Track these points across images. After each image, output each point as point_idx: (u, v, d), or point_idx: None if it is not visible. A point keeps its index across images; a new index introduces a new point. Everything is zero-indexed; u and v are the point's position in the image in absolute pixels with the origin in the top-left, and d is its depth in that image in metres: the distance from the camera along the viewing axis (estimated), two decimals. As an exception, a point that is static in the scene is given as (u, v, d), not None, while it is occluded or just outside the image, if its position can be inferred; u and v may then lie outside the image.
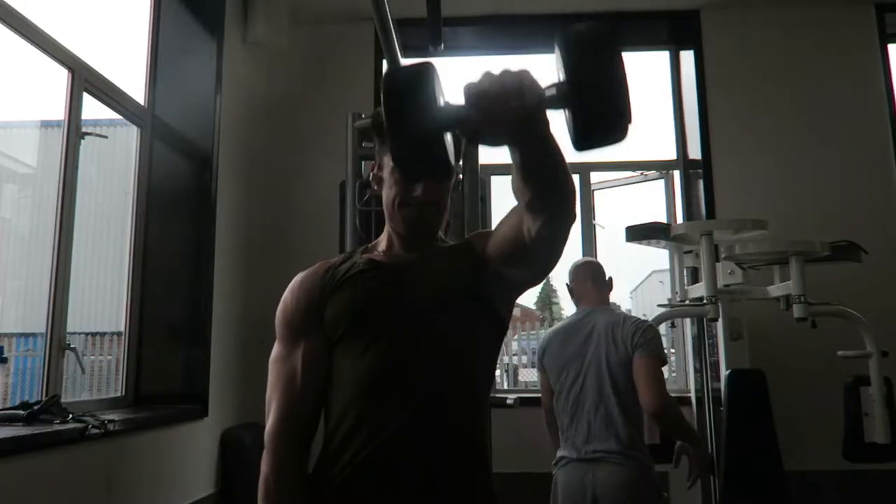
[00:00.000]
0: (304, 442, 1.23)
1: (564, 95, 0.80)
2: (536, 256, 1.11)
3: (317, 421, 1.25)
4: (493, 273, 1.21)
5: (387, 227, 1.31)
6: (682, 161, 3.89)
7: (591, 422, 2.16)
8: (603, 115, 0.79)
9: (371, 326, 1.20)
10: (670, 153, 3.94)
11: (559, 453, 2.27)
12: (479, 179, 2.47)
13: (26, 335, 2.76)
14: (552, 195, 0.98)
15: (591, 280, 2.39)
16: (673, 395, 3.11)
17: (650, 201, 3.97)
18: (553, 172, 0.94)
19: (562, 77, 0.80)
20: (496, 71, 0.81)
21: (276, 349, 1.28)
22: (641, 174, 3.95)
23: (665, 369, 2.31)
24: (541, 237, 1.03)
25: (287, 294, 1.30)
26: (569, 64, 0.79)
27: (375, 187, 1.30)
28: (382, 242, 1.32)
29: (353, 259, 1.30)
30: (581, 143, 0.80)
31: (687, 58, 3.83)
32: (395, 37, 2.43)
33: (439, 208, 1.26)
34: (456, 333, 1.21)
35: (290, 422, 1.21)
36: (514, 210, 1.12)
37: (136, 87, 2.92)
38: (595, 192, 3.90)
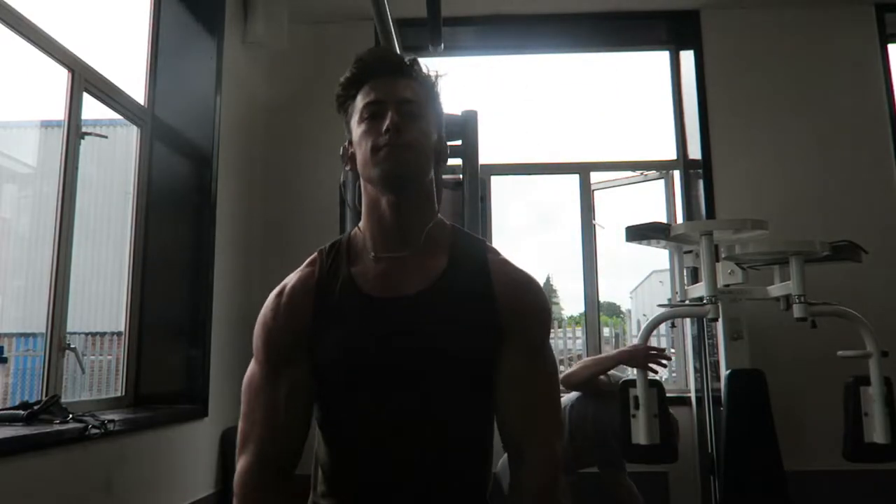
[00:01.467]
0: (285, 483, 1.10)
1: None
2: None
3: (298, 457, 1.11)
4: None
5: (367, 220, 1.14)
6: (682, 161, 3.89)
7: None
8: None
9: (363, 385, 1.08)
10: (670, 153, 3.94)
11: None
12: (479, 180, 2.47)
13: (26, 335, 2.76)
14: None
15: None
16: (672, 394, 3.13)
17: (650, 201, 3.97)
18: None
19: None
20: None
21: (252, 371, 1.13)
22: (641, 174, 3.95)
23: (665, 369, 2.41)
24: None
25: (269, 311, 1.13)
26: None
27: (348, 168, 1.16)
28: (367, 240, 1.14)
29: (339, 273, 1.13)
30: None
31: (687, 58, 3.83)
32: (395, 37, 2.43)
33: (413, 148, 1.08)
34: (459, 392, 1.10)
35: (267, 463, 1.07)
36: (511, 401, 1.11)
37: (136, 87, 2.92)
38: (595, 192, 3.91)
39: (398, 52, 1.21)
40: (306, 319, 1.10)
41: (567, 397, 2.82)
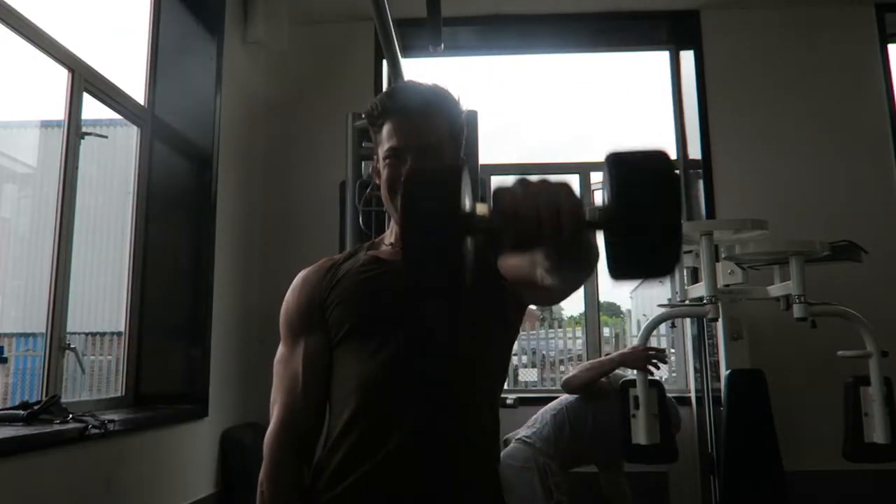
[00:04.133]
0: (305, 449, 1.18)
1: (611, 227, 0.72)
2: (555, 297, 1.14)
3: (320, 426, 1.20)
4: (509, 289, 1.16)
5: (392, 221, 1.27)
6: (682, 161, 3.89)
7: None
8: (652, 256, 0.71)
9: (370, 332, 1.15)
10: (670, 153, 3.93)
11: None
12: (479, 180, 2.47)
13: (26, 335, 2.76)
14: (579, 273, 0.95)
15: None
16: (673, 394, 3.13)
17: (650, 201, 3.96)
18: (585, 263, 0.88)
19: (609, 202, 0.72)
20: (532, 181, 0.74)
21: (279, 350, 1.24)
22: (641, 174, 3.94)
23: (665, 369, 2.41)
24: (561, 290, 1.05)
25: (289, 293, 1.25)
26: (623, 195, 0.70)
27: (377, 181, 1.22)
28: (388, 237, 1.28)
29: (357, 256, 1.25)
30: (619, 275, 0.72)
31: (687, 58, 3.83)
32: (395, 37, 2.43)
33: None
34: (464, 341, 1.16)
35: (289, 429, 1.17)
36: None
37: (136, 87, 2.92)
38: (595, 193, 3.91)
39: (421, 84, 1.24)
40: (316, 295, 1.21)
41: (564, 397, 2.83)
